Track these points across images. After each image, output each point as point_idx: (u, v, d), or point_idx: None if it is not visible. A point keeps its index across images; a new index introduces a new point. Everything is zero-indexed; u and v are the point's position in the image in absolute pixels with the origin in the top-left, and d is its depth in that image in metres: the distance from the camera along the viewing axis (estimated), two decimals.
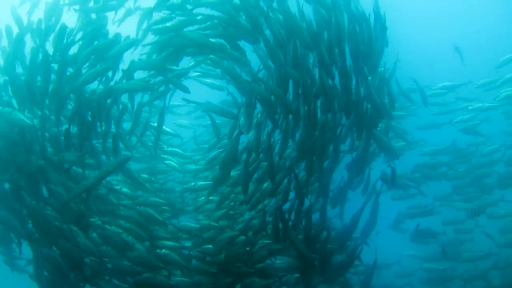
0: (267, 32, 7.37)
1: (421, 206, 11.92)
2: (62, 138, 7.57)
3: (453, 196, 12.16)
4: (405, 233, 11.75)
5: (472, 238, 12.54)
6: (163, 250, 8.32)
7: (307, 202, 8.23)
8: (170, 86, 8.26)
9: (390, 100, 8.41)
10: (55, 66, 7.30)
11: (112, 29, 7.63)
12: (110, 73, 7.51)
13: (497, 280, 12.07)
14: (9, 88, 7.26)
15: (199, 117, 11.31)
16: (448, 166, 11.77)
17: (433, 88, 11.56)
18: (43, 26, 7.24)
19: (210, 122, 10.06)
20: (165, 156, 9.71)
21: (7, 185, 7.36)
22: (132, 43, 7.32)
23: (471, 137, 12.10)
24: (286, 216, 8.09)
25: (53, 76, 7.26)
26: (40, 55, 7.06)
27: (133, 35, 7.57)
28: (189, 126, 11.12)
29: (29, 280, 8.40)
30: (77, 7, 7.35)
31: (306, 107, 7.58)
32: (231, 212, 8.77)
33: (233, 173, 8.65)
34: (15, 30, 7.37)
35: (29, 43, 7.52)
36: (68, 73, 7.33)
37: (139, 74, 7.92)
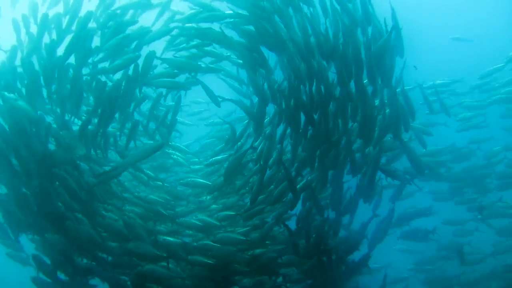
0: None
1: (419, 206, 11.85)
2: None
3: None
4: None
5: (469, 242, 12.81)
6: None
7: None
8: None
9: (409, 110, 8.64)
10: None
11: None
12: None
13: (495, 283, 12.41)
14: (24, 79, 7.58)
15: (204, 118, 11.84)
16: (446, 166, 11.81)
17: (424, 86, 11.48)
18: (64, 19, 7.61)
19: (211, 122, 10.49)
20: (171, 151, 10.02)
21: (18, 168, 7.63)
22: (164, 33, 7.78)
23: (472, 134, 12.23)
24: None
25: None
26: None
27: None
28: (190, 124, 11.57)
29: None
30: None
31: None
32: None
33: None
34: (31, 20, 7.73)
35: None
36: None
37: None
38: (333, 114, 8.11)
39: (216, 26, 7.93)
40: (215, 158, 9.72)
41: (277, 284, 9.11)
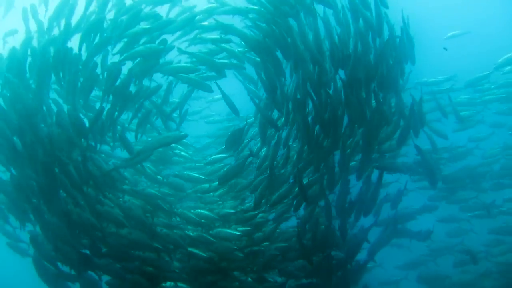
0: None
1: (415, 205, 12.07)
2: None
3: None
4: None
5: (462, 241, 13.04)
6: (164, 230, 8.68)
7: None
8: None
9: (420, 116, 8.97)
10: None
11: None
12: None
13: (488, 282, 12.61)
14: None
15: (205, 116, 12.07)
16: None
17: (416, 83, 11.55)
18: None
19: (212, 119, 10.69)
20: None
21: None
22: (189, 20, 8.04)
23: (471, 132, 12.30)
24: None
25: None
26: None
27: None
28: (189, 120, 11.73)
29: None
30: None
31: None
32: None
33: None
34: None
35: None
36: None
37: None
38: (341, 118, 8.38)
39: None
40: (214, 156, 9.95)
41: (277, 284, 9.29)
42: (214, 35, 8.70)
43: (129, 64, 8.18)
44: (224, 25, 8.25)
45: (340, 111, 8.19)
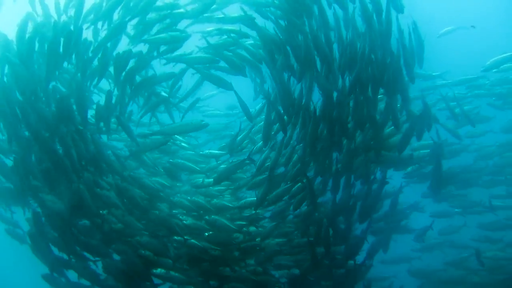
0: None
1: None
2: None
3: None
4: None
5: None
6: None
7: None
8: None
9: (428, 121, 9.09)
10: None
11: None
12: None
13: (477, 278, 12.79)
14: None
15: (204, 111, 12.11)
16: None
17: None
18: None
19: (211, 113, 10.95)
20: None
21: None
22: (206, 7, 8.10)
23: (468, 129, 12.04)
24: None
25: None
26: None
27: None
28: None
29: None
30: None
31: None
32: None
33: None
34: None
35: None
36: None
37: None
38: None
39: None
40: (211, 151, 10.09)
41: (275, 279, 9.44)
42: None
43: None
44: (246, 16, 8.34)
45: (346, 111, 8.35)
